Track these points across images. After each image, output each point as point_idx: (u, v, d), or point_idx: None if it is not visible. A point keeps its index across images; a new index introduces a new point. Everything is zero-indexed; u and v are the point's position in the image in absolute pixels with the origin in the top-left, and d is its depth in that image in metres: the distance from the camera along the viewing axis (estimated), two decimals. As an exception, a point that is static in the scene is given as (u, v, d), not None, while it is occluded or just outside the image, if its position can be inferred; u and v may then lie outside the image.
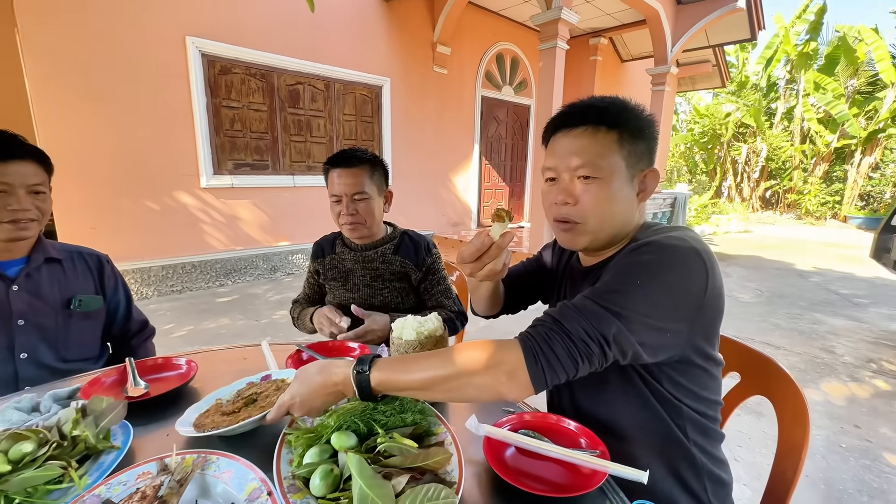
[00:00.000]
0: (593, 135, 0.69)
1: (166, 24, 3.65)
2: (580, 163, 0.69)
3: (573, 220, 0.72)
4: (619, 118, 0.69)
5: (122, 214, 3.66)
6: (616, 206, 0.70)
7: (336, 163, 1.23)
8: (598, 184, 0.69)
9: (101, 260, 1.19)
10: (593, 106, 0.71)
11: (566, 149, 0.71)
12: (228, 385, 0.81)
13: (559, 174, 0.73)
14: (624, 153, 0.69)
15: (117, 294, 1.21)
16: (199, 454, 0.61)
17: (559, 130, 0.74)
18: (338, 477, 0.55)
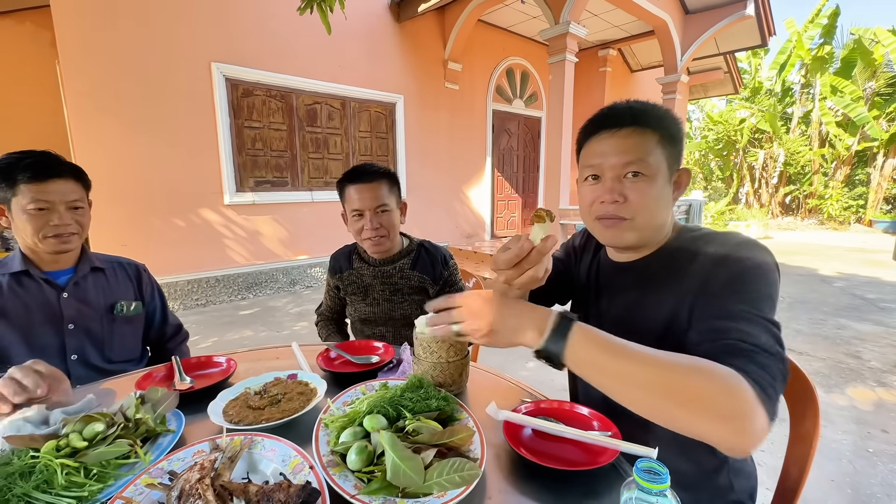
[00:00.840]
0: (641, 134, 0.72)
1: (193, 51, 3.87)
2: (629, 160, 0.72)
3: (621, 217, 0.74)
4: (659, 121, 0.73)
5: (151, 231, 3.84)
6: (661, 203, 0.74)
7: (353, 178, 1.26)
8: (646, 181, 0.72)
9: (139, 268, 1.29)
10: (638, 108, 0.74)
11: (613, 148, 0.73)
12: (258, 376, 0.88)
13: (603, 173, 0.75)
14: (665, 153, 0.73)
15: (154, 300, 1.31)
16: (246, 436, 0.67)
17: (602, 130, 0.76)
18: (371, 453, 0.61)
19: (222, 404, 0.79)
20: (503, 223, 7.23)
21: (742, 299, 0.63)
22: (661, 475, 0.41)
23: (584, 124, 0.81)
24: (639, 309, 0.79)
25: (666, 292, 0.74)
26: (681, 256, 0.75)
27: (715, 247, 0.71)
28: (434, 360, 0.83)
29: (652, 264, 0.80)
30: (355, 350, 1.05)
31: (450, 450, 0.62)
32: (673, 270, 0.75)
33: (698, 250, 0.73)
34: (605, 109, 0.78)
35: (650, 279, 0.78)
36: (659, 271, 0.77)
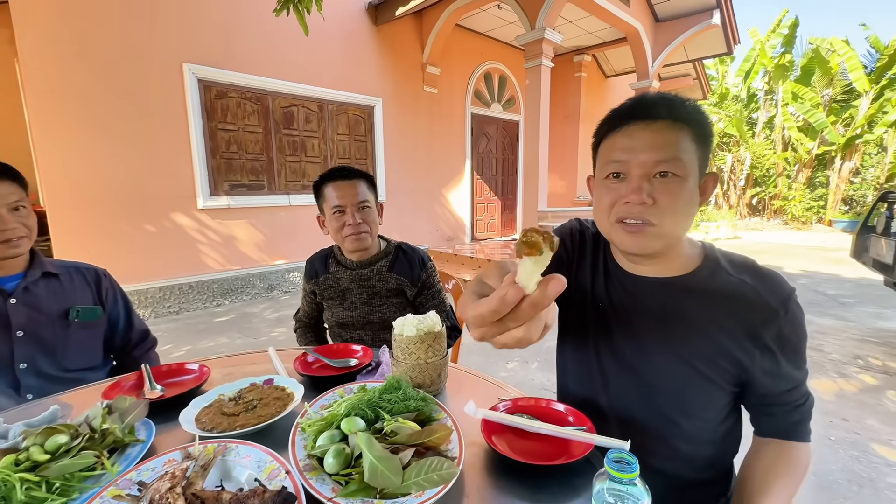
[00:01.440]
0: (678, 130, 0.64)
1: (163, 51, 3.76)
2: (663, 157, 0.63)
3: (648, 221, 0.65)
4: (694, 117, 0.65)
5: (120, 237, 3.70)
6: (690, 209, 0.66)
7: (333, 177, 1.26)
8: (678, 183, 0.64)
9: (98, 273, 1.23)
10: (673, 100, 0.66)
11: (645, 142, 0.64)
12: (232, 382, 0.87)
13: (630, 170, 0.66)
14: (698, 153, 0.66)
15: (117, 306, 1.25)
16: (220, 443, 0.66)
17: (632, 122, 0.66)
18: (349, 456, 0.61)
19: (195, 412, 0.77)
20: (483, 226, 7.28)
21: (801, 361, 0.70)
22: (631, 465, 0.43)
23: (607, 115, 0.71)
24: (674, 338, 0.71)
25: (706, 330, 0.69)
26: (720, 292, 0.69)
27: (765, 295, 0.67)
28: (412, 362, 0.84)
29: (686, 293, 0.71)
30: (333, 354, 1.04)
31: (428, 449, 0.62)
32: (714, 306, 0.69)
33: (740, 289, 0.68)
34: (634, 99, 0.69)
35: (686, 309, 0.71)
36: (696, 304, 0.70)
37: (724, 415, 0.73)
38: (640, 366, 0.74)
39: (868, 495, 1.64)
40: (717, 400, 0.72)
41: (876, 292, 4.53)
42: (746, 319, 0.67)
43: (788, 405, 0.71)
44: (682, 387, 0.71)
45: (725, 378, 0.70)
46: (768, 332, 0.67)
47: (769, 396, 0.71)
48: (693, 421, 0.72)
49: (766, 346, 0.68)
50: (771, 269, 0.71)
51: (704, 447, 0.74)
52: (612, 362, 0.77)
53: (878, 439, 1.99)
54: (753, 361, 0.68)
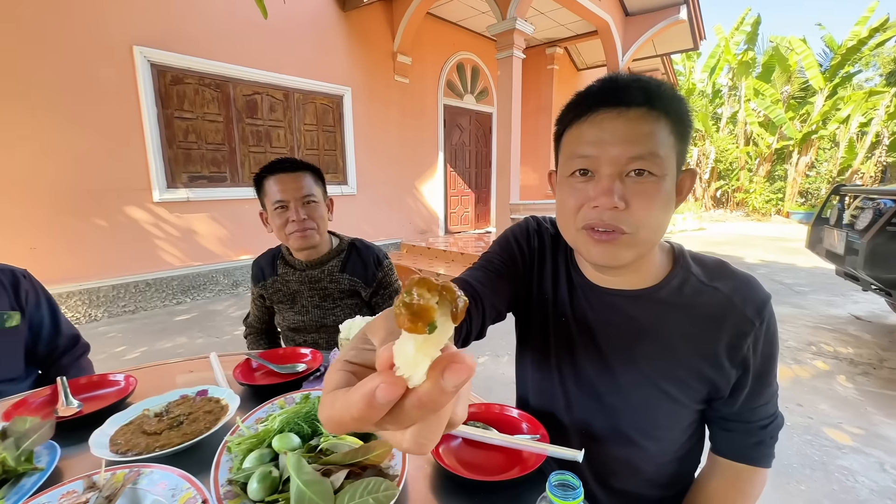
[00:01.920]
0: (655, 120, 0.54)
1: (111, 33, 3.50)
2: (638, 153, 0.53)
3: (619, 229, 0.55)
4: (674, 105, 0.55)
5: (67, 232, 3.44)
6: (668, 213, 0.57)
7: (274, 170, 1.16)
8: (655, 183, 0.54)
9: (17, 274, 1.11)
10: (652, 84, 0.55)
11: (617, 133, 0.54)
12: (161, 395, 0.78)
13: (599, 167, 0.56)
14: (678, 148, 0.56)
15: (40, 310, 1.14)
16: (132, 468, 0.58)
17: (603, 108, 0.56)
18: (276, 479, 0.54)
19: (111, 431, 0.69)
20: (457, 219, 7.23)
21: (772, 381, 0.66)
22: (576, 489, 0.38)
23: (573, 98, 0.60)
24: (643, 357, 0.64)
25: (678, 348, 0.63)
26: (693, 304, 0.62)
27: (740, 301, 0.61)
28: (360, 368, 0.78)
29: (660, 305, 0.63)
30: (279, 359, 0.97)
31: (366, 468, 0.57)
32: (687, 321, 0.62)
33: (714, 299, 0.62)
34: (604, 80, 0.57)
35: (661, 323, 0.64)
36: (668, 320, 0.63)
37: (689, 434, 0.69)
38: (603, 386, 0.68)
39: (820, 478, 1.71)
40: (683, 420, 0.67)
41: (828, 281, 4.77)
42: (721, 334, 0.61)
43: (751, 424, 0.65)
44: (648, 409, 0.66)
45: (694, 398, 0.65)
46: (744, 347, 0.61)
47: (731, 413, 0.66)
48: (658, 442, 0.68)
49: (742, 362, 0.62)
50: (746, 273, 0.65)
51: (668, 465, 0.70)
52: (573, 381, 0.70)
53: (829, 423, 2.08)
54: (728, 381, 0.63)
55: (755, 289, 0.63)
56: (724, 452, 0.68)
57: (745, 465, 0.66)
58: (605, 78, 0.58)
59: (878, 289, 2.69)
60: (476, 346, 2.96)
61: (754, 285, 0.63)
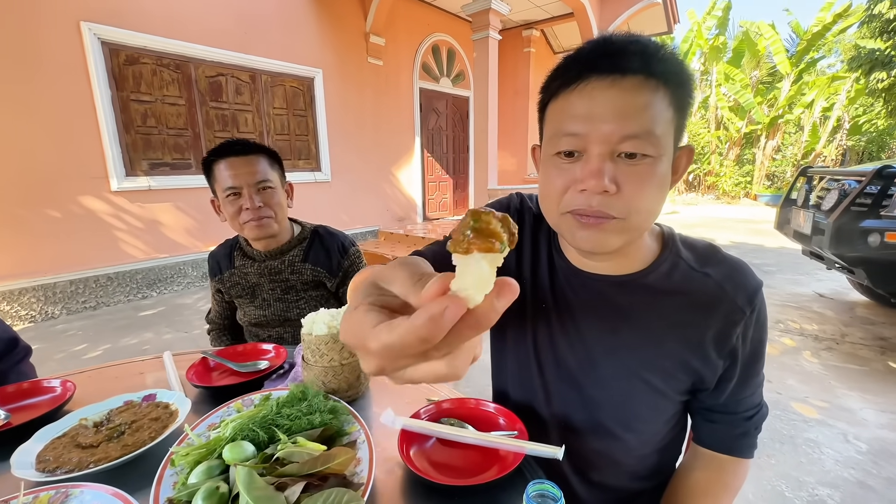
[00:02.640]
0: (653, 90, 0.47)
1: (54, 7, 3.22)
2: (633, 131, 0.47)
3: (608, 215, 0.50)
4: (676, 72, 0.49)
5: (17, 225, 3.20)
6: (663, 196, 0.52)
7: (225, 152, 1.05)
8: (650, 165, 0.49)
9: None
10: (651, 46, 0.48)
11: (610, 107, 0.47)
12: (103, 402, 0.71)
13: (588, 146, 0.49)
14: (676, 123, 0.50)
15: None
16: (58, 489, 0.51)
17: (594, 74, 0.48)
18: (224, 495, 0.48)
19: (40, 446, 0.61)
20: (435, 205, 7.15)
21: (759, 366, 0.62)
22: (556, 499, 0.34)
23: (560, 63, 0.53)
24: (626, 346, 0.61)
25: (663, 338, 0.59)
26: (682, 291, 0.59)
27: (731, 288, 0.58)
28: (325, 364, 0.72)
29: (647, 291, 0.60)
30: (239, 356, 0.90)
31: (328, 478, 0.51)
32: (675, 309, 0.58)
33: (704, 285, 0.58)
34: (596, 41, 0.50)
35: (646, 310, 0.60)
36: (658, 304, 0.59)
37: (671, 425, 0.67)
38: (584, 377, 0.64)
39: (788, 451, 1.76)
40: (666, 412, 0.64)
41: (794, 260, 4.95)
42: (711, 322, 0.58)
43: (736, 415, 0.62)
44: (630, 401, 0.62)
45: (678, 389, 0.61)
46: (734, 337, 0.58)
47: (715, 404, 0.63)
48: (639, 435, 0.64)
49: (731, 353, 0.59)
50: (737, 258, 0.61)
51: (649, 457, 0.68)
52: (553, 371, 0.66)
53: (797, 398, 2.15)
54: (715, 372, 0.59)
55: (747, 275, 0.59)
56: (707, 444, 0.66)
57: (729, 456, 0.64)
58: (597, 38, 0.51)
59: (841, 267, 2.79)
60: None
61: (746, 272, 0.60)
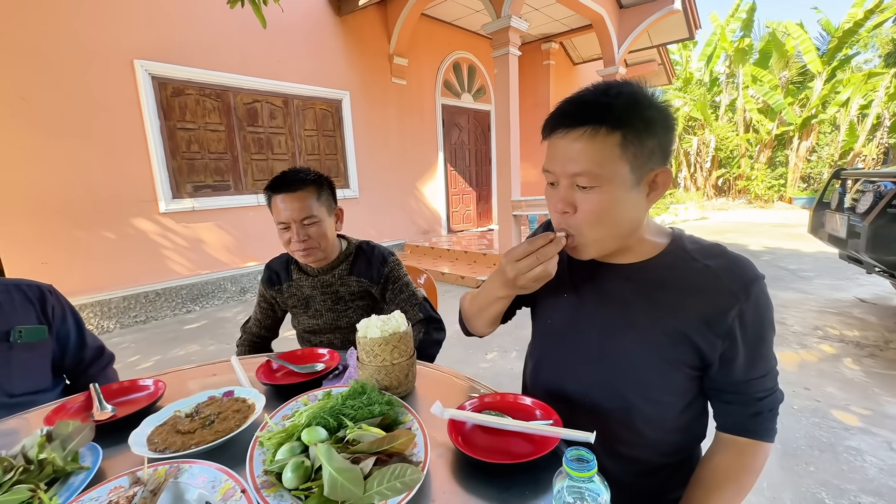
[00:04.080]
0: (592, 138, 0.61)
1: (111, 47, 3.55)
2: (577, 171, 0.63)
3: (568, 231, 0.68)
4: (623, 116, 0.61)
5: (77, 246, 3.50)
6: (619, 214, 0.65)
7: (278, 188, 1.16)
8: (598, 193, 0.63)
9: (43, 290, 1.14)
10: (593, 103, 0.62)
11: (563, 153, 0.64)
12: (189, 397, 0.82)
13: (558, 179, 0.67)
14: (628, 156, 0.62)
15: (66, 324, 1.17)
16: (172, 464, 0.62)
17: (558, 129, 0.65)
18: (309, 469, 0.58)
19: (147, 431, 0.73)
20: (459, 217, 7.27)
21: (766, 355, 0.69)
22: (589, 462, 0.42)
23: (546, 119, 0.70)
24: (635, 321, 0.71)
25: (668, 313, 0.69)
26: (683, 275, 0.69)
27: (728, 280, 0.66)
28: (378, 364, 0.81)
29: (649, 276, 0.71)
30: (298, 359, 1.01)
31: (392, 456, 0.61)
32: (676, 290, 0.69)
33: (706, 276, 0.68)
34: (563, 103, 0.66)
35: (648, 292, 0.71)
36: (659, 287, 0.70)
37: (686, 401, 0.73)
38: (603, 352, 0.74)
39: (828, 459, 1.73)
40: (678, 384, 0.72)
41: (833, 265, 4.77)
42: (706, 306, 0.66)
43: (747, 395, 0.69)
44: (644, 371, 0.71)
45: (684, 361, 0.70)
46: (728, 319, 0.65)
47: (727, 384, 0.70)
48: (656, 406, 0.72)
49: (728, 333, 0.66)
50: (740, 255, 0.69)
51: (670, 433, 0.75)
52: (576, 350, 0.78)
53: (837, 405, 2.10)
54: (714, 349, 0.67)
55: (745, 267, 0.68)
56: (725, 426, 0.72)
57: (747, 438, 0.70)
58: (563, 101, 0.66)
59: (881, 271, 2.71)
60: (485, 342, 3.00)
61: (745, 264, 0.68)
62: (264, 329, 1.40)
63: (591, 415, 0.75)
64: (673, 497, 0.75)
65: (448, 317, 1.23)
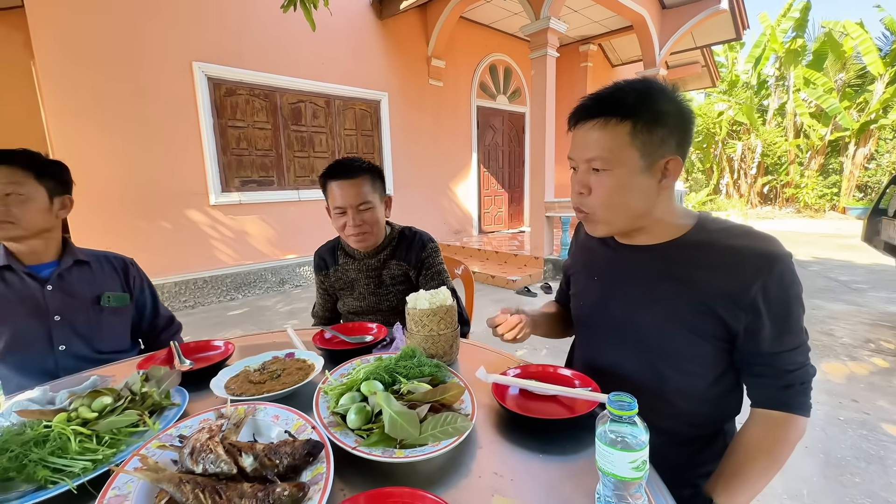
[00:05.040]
0: (603, 127, 0.70)
1: (173, 50, 3.83)
2: (591, 155, 0.72)
3: (583, 210, 0.77)
4: (633, 108, 0.69)
5: (137, 234, 3.80)
6: (627, 197, 0.72)
7: (335, 174, 1.23)
8: (608, 175, 0.71)
9: (126, 262, 1.29)
10: (608, 97, 0.71)
11: (581, 141, 0.74)
12: (256, 356, 0.92)
13: (577, 165, 0.76)
14: (638, 144, 0.69)
15: (143, 293, 1.32)
16: (249, 405, 0.71)
17: (576, 124, 0.76)
18: (369, 413, 0.65)
19: (224, 380, 0.83)
20: (490, 218, 7.30)
21: (793, 329, 0.71)
22: (630, 403, 0.46)
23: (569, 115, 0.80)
24: (660, 297, 0.76)
25: (692, 287, 0.73)
26: (709, 253, 0.73)
27: (752, 256, 0.69)
28: (426, 334, 0.88)
29: (673, 254, 0.76)
30: (349, 331, 1.09)
31: (442, 406, 0.67)
32: (699, 266, 0.72)
33: (729, 252, 0.71)
34: (583, 98, 0.76)
35: (672, 269, 0.75)
36: (684, 263, 0.74)
37: (716, 373, 0.76)
38: (632, 326, 0.80)
39: (876, 471, 1.66)
40: (707, 355, 0.75)
41: (889, 277, 4.48)
42: (729, 281, 0.70)
43: (777, 368, 0.71)
44: (672, 342, 0.75)
45: (710, 332, 0.73)
46: (751, 292, 0.68)
47: (754, 356, 0.72)
48: (686, 376, 0.76)
49: (751, 306, 0.69)
50: (767, 234, 0.72)
51: (702, 405, 0.78)
52: (609, 326, 0.84)
53: (888, 419, 2.00)
54: (738, 321, 0.70)
55: (770, 245, 0.70)
56: (757, 401, 0.75)
57: (780, 412, 0.72)
58: (581, 99, 0.76)
59: (943, 282, 2.54)
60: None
61: (770, 241, 0.71)
62: (328, 311, 1.49)
63: (624, 386, 0.78)
64: (705, 471, 0.77)
65: (480, 312, 1.27)
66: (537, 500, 0.51)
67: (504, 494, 0.53)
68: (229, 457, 0.55)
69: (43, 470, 0.55)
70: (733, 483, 0.71)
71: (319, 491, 0.51)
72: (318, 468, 0.55)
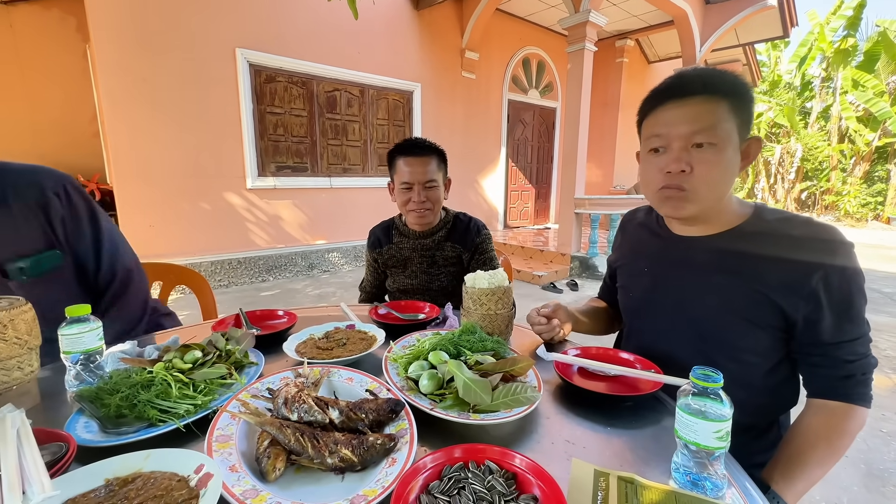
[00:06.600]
0: (714, 103, 0.70)
1: (218, 37, 3.95)
2: (698, 128, 0.70)
3: (682, 188, 0.73)
4: (731, 88, 0.71)
5: (178, 213, 3.96)
6: (727, 174, 0.72)
7: (406, 151, 1.28)
8: (714, 151, 0.70)
9: (43, 190, 0.80)
10: (709, 75, 0.72)
11: (680, 117, 0.72)
12: (318, 325, 0.97)
13: (669, 143, 0.74)
14: (737, 121, 0.71)
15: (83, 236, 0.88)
16: (322, 368, 0.75)
17: (670, 100, 0.74)
18: (440, 380, 0.69)
19: (293, 345, 0.87)
20: (516, 213, 7.26)
21: (855, 319, 0.70)
22: (716, 377, 0.48)
23: (648, 94, 0.79)
24: (717, 286, 0.77)
25: (750, 276, 0.73)
26: (767, 242, 0.73)
27: (813, 245, 0.70)
28: (483, 312, 0.91)
29: (732, 243, 0.77)
30: (402, 309, 1.13)
31: (511, 378, 0.70)
32: (758, 255, 0.73)
33: (789, 241, 0.72)
34: (672, 78, 0.76)
35: (730, 258, 0.76)
36: (742, 253, 0.75)
37: (772, 363, 0.76)
38: (686, 315, 0.81)
39: (922, 486, 1.61)
40: (763, 344, 0.75)
41: (938, 292, 4.26)
42: (788, 270, 0.70)
43: (836, 358, 0.71)
44: (726, 331, 0.76)
45: (766, 321, 0.73)
46: (812, 282, 0.68)
47: (812, 346, 0.72)
48: (740, 365, 0.76)
49: (811, 296, 0.69)
50: (828, 224, 0.72)
51: (756, 394, 0.77)
52: (663, 315, 0.85)
53: (935, 434, 1.93)
54: (796, 310, 0.70)
55: (831, 234, 0.71)
56: (815, 390, 0.75)
57: (839, 402, 0.71)
58: (672, 76, 0.76)
59: None
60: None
61: (832, 231, 0.71)
62: (375, 288, 1.54)
63: (679, 372, 0.79)
64: (759, 461, 0.78)
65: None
66: (613, 466, 0.53)
67: (581, 459, 0.56)
68: (319, 408, 0.59)
69: (152, 410, 0.60)
70: (791, 470, 0.71)
71: (406, 443, 0.54)
72: (400, 424, 0.59)
